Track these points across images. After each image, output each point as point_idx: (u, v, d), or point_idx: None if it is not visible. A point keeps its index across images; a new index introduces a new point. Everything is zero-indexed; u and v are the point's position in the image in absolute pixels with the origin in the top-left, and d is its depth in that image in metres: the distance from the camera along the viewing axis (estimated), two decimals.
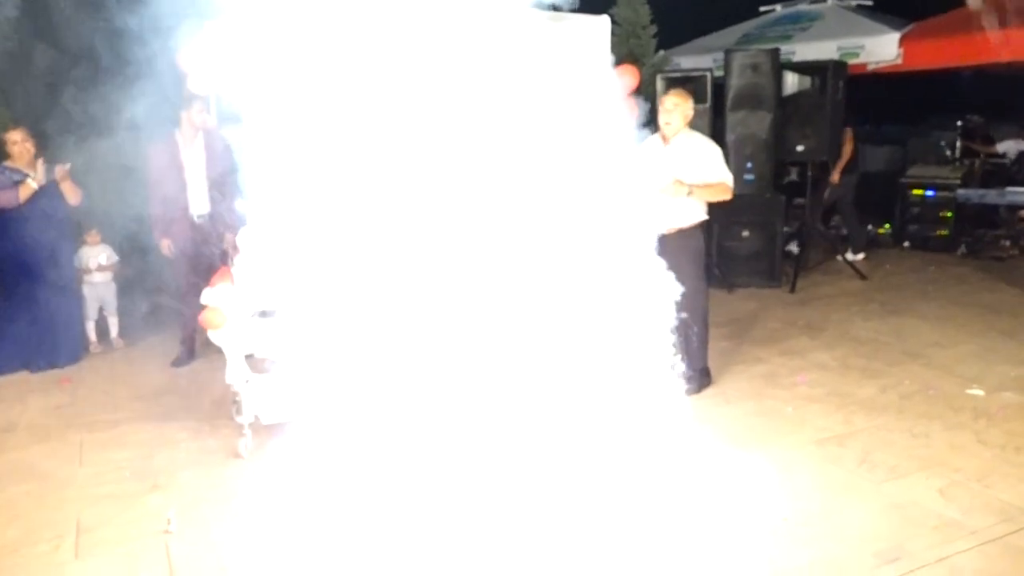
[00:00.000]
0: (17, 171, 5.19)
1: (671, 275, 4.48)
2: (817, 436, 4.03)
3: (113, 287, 5.92)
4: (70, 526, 3.29)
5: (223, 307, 3.81)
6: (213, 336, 3.93)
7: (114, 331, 5.95)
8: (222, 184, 5.28)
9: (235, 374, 3.96)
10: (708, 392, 4.69)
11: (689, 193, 4.45)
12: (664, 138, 4.56)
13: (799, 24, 9.83)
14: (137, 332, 6.25)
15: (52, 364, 5.36)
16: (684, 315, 4.51)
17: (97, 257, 5.83)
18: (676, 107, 4.47)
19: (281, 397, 4.07)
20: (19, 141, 5.20)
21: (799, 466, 3.71)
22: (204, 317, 3.83)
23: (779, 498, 3.39)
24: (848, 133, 7.97)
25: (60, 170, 5.26)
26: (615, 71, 6.15)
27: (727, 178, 4.54)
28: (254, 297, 3.89)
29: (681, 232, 4.51)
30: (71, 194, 5.34)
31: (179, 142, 5.24)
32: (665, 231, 4.47)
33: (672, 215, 4.50)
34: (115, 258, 5.94)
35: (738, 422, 4.26)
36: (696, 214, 4.57)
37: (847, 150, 8.05)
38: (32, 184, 5.15)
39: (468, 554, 3.01)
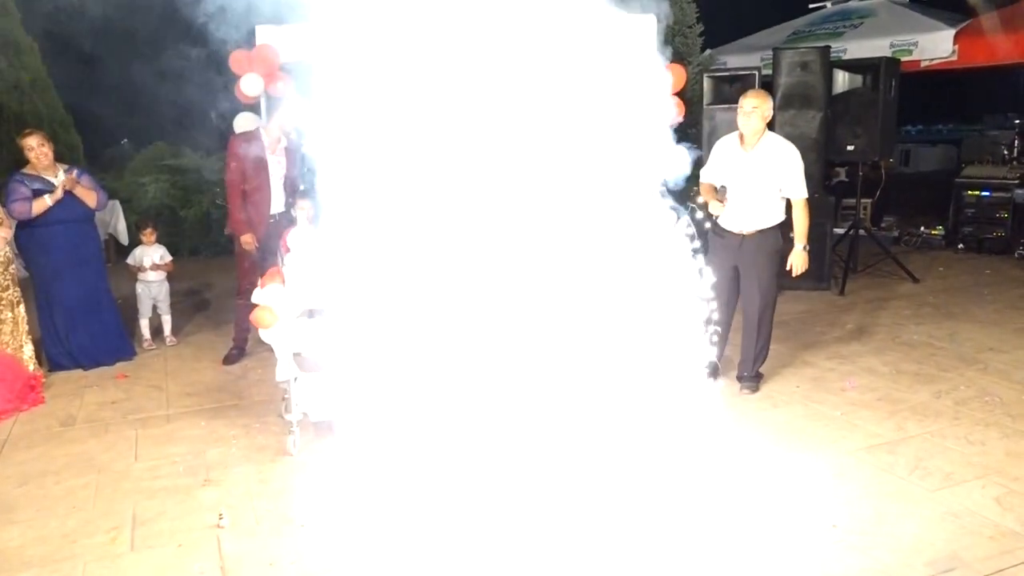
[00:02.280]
0: (36, 178, 5.21)
1: (748, 276, 4.48)
2: (868, 442, 3.96)
3: (166, 286, 6.06)
4: (126, 518, 3.39)
5: (274, 306, 3.88)
6: (263, 335, 4.00)
7: (167, 329, 6.10)
8: (296, 186, 5.39)
9: (284, 372, 4.02)
10: (756, 395, 4.63)
11: (805, 248, 4.50)
12: (742, 139, 4.51)
13: (850, 21, 9.65)
14: (189, 330, 6.41)
15: (103, 362, 5.50)
16: (754, 315, 4.52)
17: (152, 256, 5.97)
18: (755, 109, 4.41)
19: (329, 395, 4.14)
20: (35, 147, 5.18)
21: (849, 472, 3.64)
22: (255, 316, 3.90)
23: (829, 504, 3.34)
24: None
25: (68, 179, 5.22)
26: (662, 70, 6.15)
27: (805, 194, 4.49)
28: (304, 297, 3.96)
29: (761, 233, 4.49)
30: (87, 198, 5.37)
31: (265, 142, 5.32)
32: (746, 232, 4.46)
33: (754, 216, 4.48)
34: (169, 257, 6.08)
35: (787, 426, 4.20)
36: (776, 215, 4.54)
37: None
38: (47, 200, 5.13)
39: (513, 552, 3.02)
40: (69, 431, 4.42)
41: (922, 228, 9.23)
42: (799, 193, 4.48)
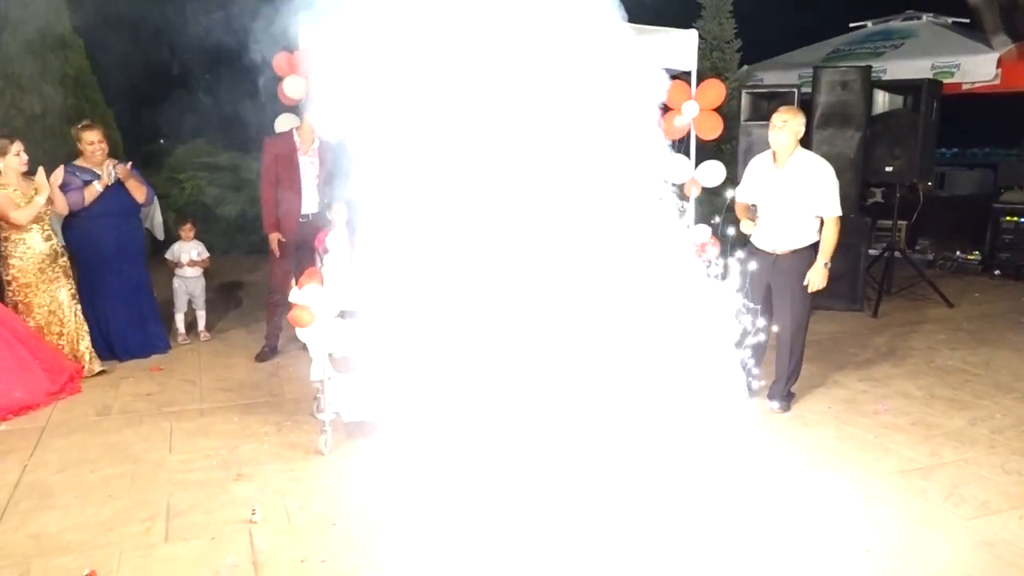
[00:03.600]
0: (87, 171, 5.35)
1: (781, 296, 4.46)
2: (901, 467, 3.91)
3: (202, 282, 6.15)
4: (161, 509, 3.44)
5: (312, 306, 3.92)
6: (300, 334, 4.05)
7: (201, 324, 6.18)
8: (328, 187, 5.45)
9: (319, 372, 4.07)
10: (787, 415, 4.60)
11: (826, 266, 4.44)
12: (775, 156, 4.49)
13: (891, 41, 9.58)
14: (222, 326, 6.49)
15: (138, 354, 5.59)
16: (786, 334, 4.49)
17: (189, 252, 6.07)
18: (786, 124, 4.38)
19: (362, 396, 4.18)
20: (96, 142, 5.33)
21: (882, 496, 3.60)
22: (293, 315, 3.95)
23: (862, 528, 3.30)
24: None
25: (122, 169, 5.38)
26: (701, 85, 6.15)
27: (837, 212, 4.44)
28: (341, 297, 4.00)
29: (795, 253, 4.47)
30: (137, 192, 5.51)
31: (296, 142, 5.39)
32: (779, 252, 4.44)
33: (788, 237, 4.45)
34: (206, 254, 6.17)
35: (818, 446, 4.16)
36: (810, 235, 4.51)
37: None
38: (97, 187, 5.29)
39: (540, 557, 3.03)
40: (105, 420, 4.50)
41: (957, 252, 9.12)
42: (832, 211, 4.44)
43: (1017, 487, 3.69)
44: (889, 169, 7.05)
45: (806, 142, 7.07)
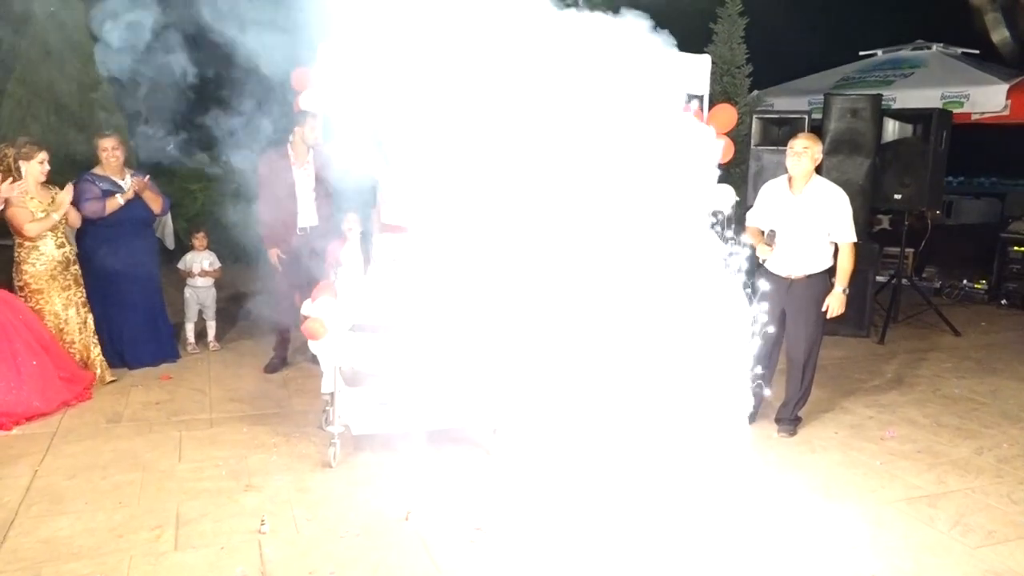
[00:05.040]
0: (105, 179, 5.40)
1: (795, 320, 4.49)
2: (908, 494, 3.92)
3: (213, 292, 6.19)
4: (170, 517, 3.46)
5: (325, 319, 3.96)
6: (313, 346, 4.08)
7: (211, 334, 6.22)
8: (327, 199, 5.50)
9: (329, 384, 4.09)
10: (793, 440, 4.61)
11: (845, 291, 4.49)
12: (791, 182, 4.53)
13: (900, 70, 9.65)
14: (231, 336, 6.52)
15: (148, 362, 5.62)
16: (799, 358, 4.52)
17: (201, 262, 6.12)
18: (806, 150, 4.43)
19: (372, 409, 4.20)
20: (110, 149, 5.39)
21: (888, 523, 3.61)
22: (307, 327, 3.98)
23: (868, 554, 3.31)
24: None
25: (139, 182, 5.43)
26: (713, 110, 6.21)
27: (853, 238, 4.50)
28: (354, 310, 4.03)
29: (810, 278, 4.51)
30: (153, 203, 5.58)
31: (291, 156, 5.45)
32: (794, 276, 4.48)
33: (803, 262, 4.49)
34: (218, 264, 6.22)
35: (824, 472, 4.17)
36: (825, 260, 4.55)
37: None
38: (119, 200, 5.34)
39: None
40: (116, 428, 4.53)
41: (964, 281, 9.13)
42: (847, 237, 4.48)
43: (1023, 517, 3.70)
44: (898, 197, 7.09)
45: (817, 168, 7.16)
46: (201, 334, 6.24)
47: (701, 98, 6.32)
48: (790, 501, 3.79)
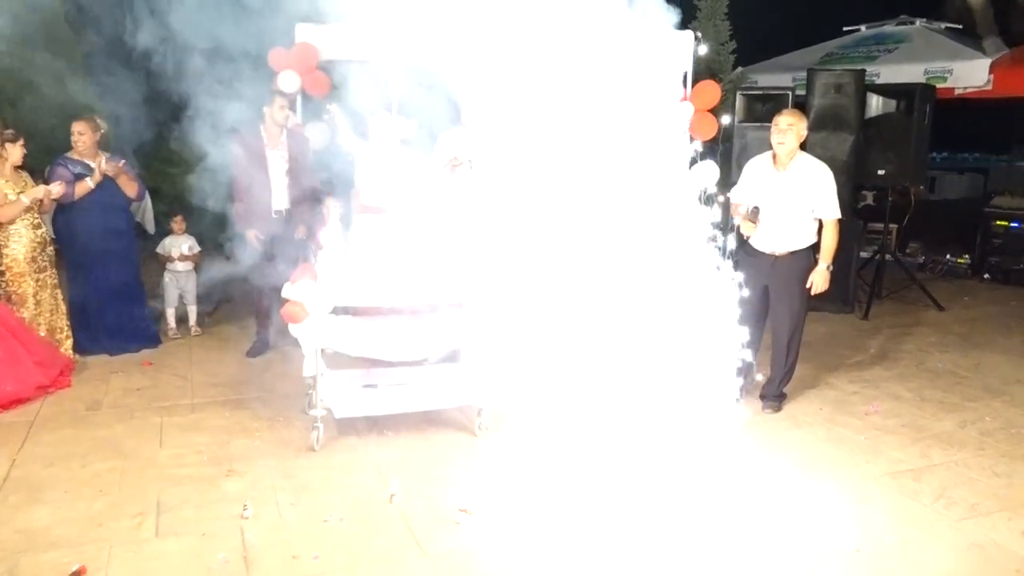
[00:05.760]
0: (78, 163, 5.33)
1: (778, 297, 4.49)
2: (892, 468, 3.93)
3: (194, 276, 6.11)
4: (151, 504, 3.41)
5: (305, 302, 3.91)
6: (293, 330, 4.03)
7: (192, 319, 6.15)
8: (301, 181, 5.43)
9: (311, 368, 4.05)
10: (778, 416, 4.61)
11: (829, 268, 4.48)
12: (775, 159, 4.50)
13: (884, 45, 9.62)
14: (213, 321, 6.45)
15: (128, 348, 5.55)
16: (784, 335, 4.52)
17: (180, 246, 6.03)
18: (791, 127, 4.39)
19: (354, 392, 4.17)
20: (76, 133, 5.32)
21: (873, 498, 3.62)
22: (286, 311, 3.93)
23: (852, 529, 3.32)
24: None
25: (112, 166, 5.35)
26: (697, 87, 6.17)
27: (837, 214, 4.48)
28: (334, 293, 3.98)
29: (793, 255, 4.50)
30: (128, 187, 5.51)
31: (263, 138, 5.37)
32: (778, 253, 4.46)
33: (787, 238, 4.48)
34: (197, 248, 6.13)
35: (809, 448, 4.18)
36: (809, 237, 4.54)
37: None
38: (89, 183, 5.27)
39: (535, 552, 3.03)
40: (95, 415, 4.47)
41: (947, 256, 9.16)
42: (831, 213, 4.47)
43: (1006, 489, 3.72)
44: (882, 172, 7.08)
45: (801, 144, 7.13)
46: (182, 319, 6.17)
47: (684, 75, 6.30)
48: (775, 477, 3.80)
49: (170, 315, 6.06)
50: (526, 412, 4.23)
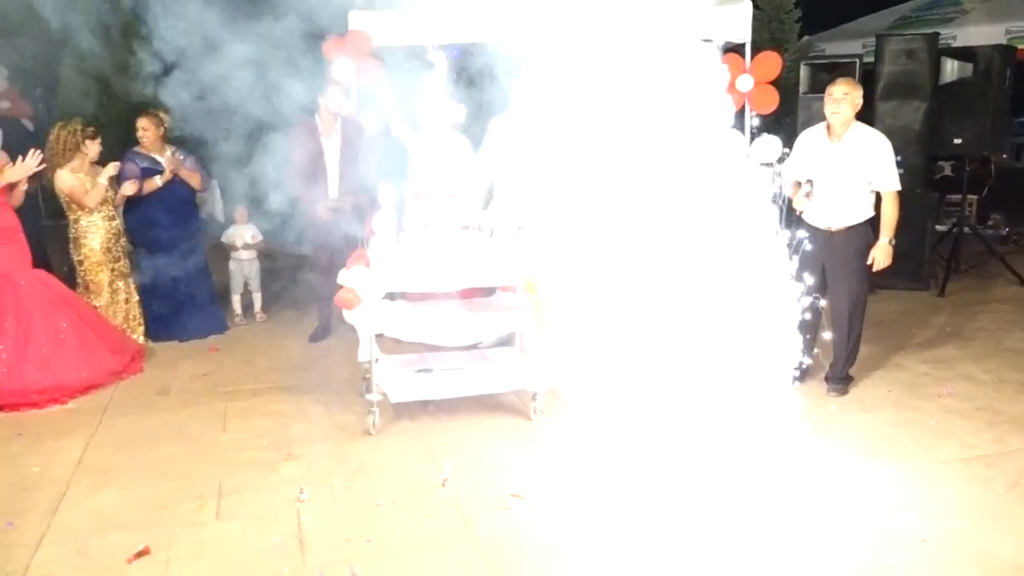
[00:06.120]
0: (146, 157, 5.55)
1: (836, 274, 4.33)
2: (963, 454, 3.76)
3: (257, 264, 6.27)
4: (212, 488, 3.52)
5: (358, 288, 3.95)
6: (347, 316, 4.08)
7: (257, 305, 6.30)
8: (355, 168, 5.49)
9: (366, 353, 4.10)
10: (845, 398, 4.46)
11: (891, 243, 4.32)
12: (830, 129, 4.34)
13: (960, 6, 9.12)
14: (278, 307, 6.59)
15: (197, 334, 5.74)
16: (843, 314, 4.36)
17: (244, 235, 6.18)
18: (846, 96, 4.23)
19: (409, 377, 4.20)
20: (140, 129, 5.53)
21: (942, 484, 3.47)
22: (339, 297, 3.98)
23: (920, 516, 3.18)
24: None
25: (170, 160, 5.56)
26: (757, 58, 5.97)
27: (897, 186, 4.30)
28: (387, 279, 4.02)
29: (850, 230, 4.35)
30: (192, 179, 5.71)
31: (319, 126, 5.45)
32: (834, 228, 4.31)
33: (843, 213, 4.33)
34: (260, 236, 6.28)
35: (876, 431, 4.03)
36: (866, 211, 4.38)
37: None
38: (158, 181, 5.50)
39: (588, 539, 3.01)
40: (164, 400, 4.64)
41: None
42: (890, 185, 4.29)
43: None
44: (958, 141, 6.72)
45: (868, 115, 6.83)
46: (248, 305, 6.33)
47: (743, 47, 6.10)
48: (837, 463, 3.67)
49: (236, 302, 6.23)
50: (582, 397, 4.19)
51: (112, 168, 5.28)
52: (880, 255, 4.30)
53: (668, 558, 2.93)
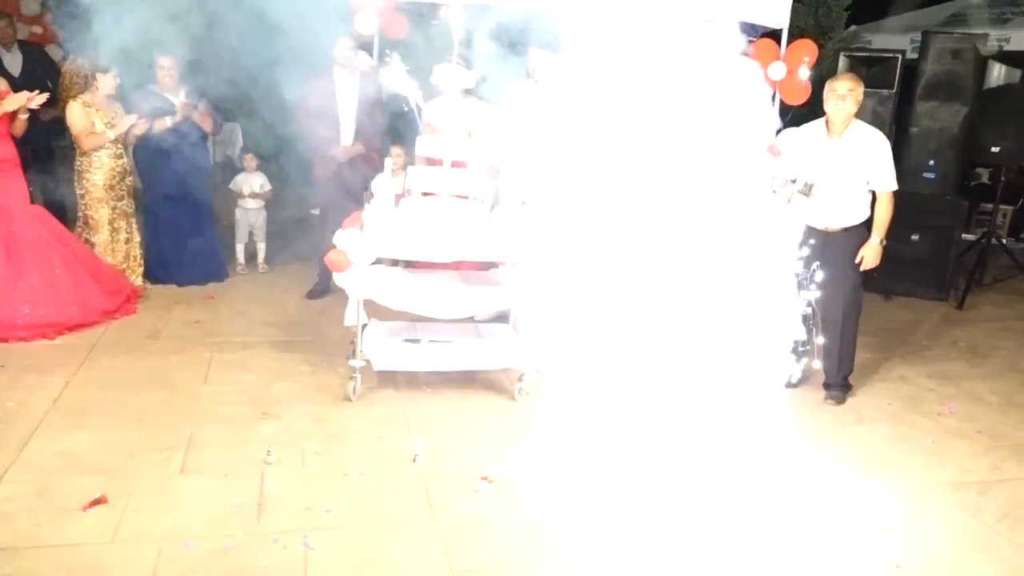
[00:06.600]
0: (159, 96, 5.48)
1: (830, 276, 4.19)
2: (957, 478, 3.62)
3: (264, 214, 6.20)
4: (183, 440, 3.48)
5: (349, 251, 3.86)
6: (337, 278, 4.00)
7: (261, 256, 6.25)
8: (369, 125, 5.40)
9: (353, 317, 4.02)
10: (841, 408, 4.32)
11: (882, 243, 4.18)
12: (829, 125, 4.17)
13: (1020, 7, 8.70)
14: (283, 259, 6.53)
15: (196, 280, 5.70)
16: (837, 317, 4.22)
17: (252, 183, 6.11)
18: (851, 92, 4.09)
19: (396, 345, 4.13)
20: (167, 67, 5.45)
21: (929, 508, 3.34)
22: (329, 258, 3.90)
23: (898, 541, 3.06)
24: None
25: (185, 106, 5.48)
26: (792, 45, 5.73)
27: (893, 186, 4.18)
28: (380, 244, 3.92)
29: (847, 231, 4.22)
30: (204, 122, 5.64)
31: (336, 79, 5.36)
32: (831, 229, 4.17)
33: (840, 213, 4.19)
34: (268, 186, 6.20)
35: (870, 446, 3.89)
36: (863, 212, 4.26)
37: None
38: (167, 121, 5.41)
39: (552, 529, 2.93)
40: (153, 344, 4.61)
41: None
42: (888, 184, 4.17)
43: None
44: (995, 150, 6.44)
45: (906, 114, 6.57)
46: (252, 255, 6.28)
47: (779, 32, 5.84)
48: (824, 474, 3.55)
49: (239, 251, 6.18)
50: (570, 382, 4.09)
51: (128, 122, 5.22)
52: (870, 253, 4.17)
53: (630, 560, 2.84)
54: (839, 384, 4.37)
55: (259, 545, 2.79)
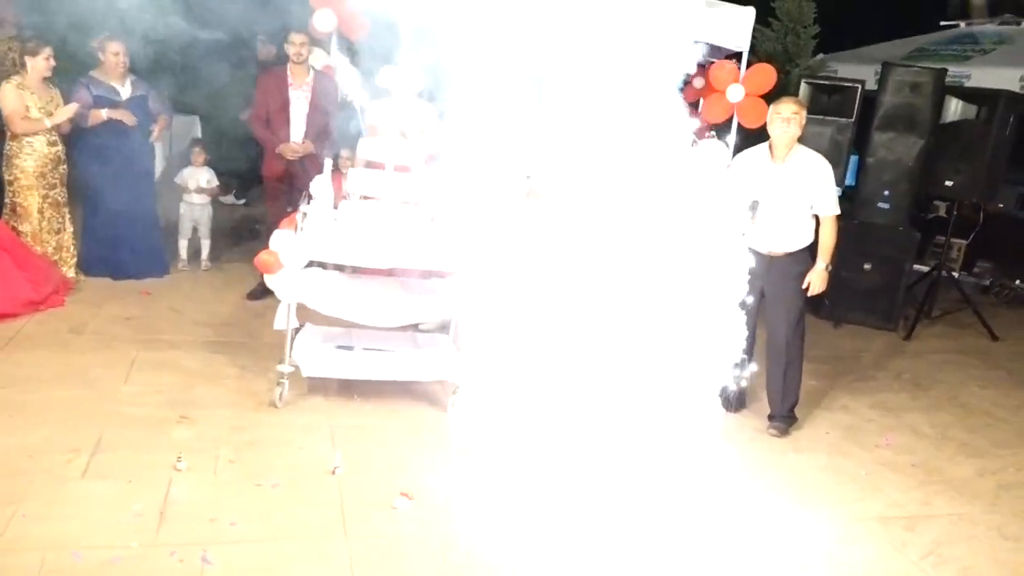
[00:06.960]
0: (102, 84, 5.26)
1: (775, 300, 4.15)
2: (886, 512, 3.57)
3: (209, 210, 6.03)
4: (91, 441, 3.32)
5: (280, 252, 3.73)
6: (268, 280, 3.87)
7: (204, 252, 6.07)
8: (320, 124, 5.28)
9: (282, 321, 3.89)
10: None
11: (827, 268, 4.16)
12: (773, 149, 4.13)
13: (980, 45, 8.85)
14: (228, 257, 6.36)
15: (133, 274, 5.50)
16: (780, 343, 4.18)
17: (198, 178, 5.94)
18: (795, 116, 4.06)
19: (327, 351, 4.00)
20: (120, 54, 5.24)
21: (855, 542, 3.29)
22: (260, 260, 3.77)
23: (822, 573, 3.00)
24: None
25: (124, 114, 5.26)
26: (751, 69, 5.72)
27: (836, 210, 4.16)
28: (314, 246, 3.80)
29: (791, 256, 4.18)
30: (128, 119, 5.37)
31: (289, 77, 5.24)
32: (775, 253, 4.13)
33: (785, 237, 4.15)
34: (215, 182, 6.04)
35: (803, 475, 3.84)
36: (807, 236, 4.23)
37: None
38: (103, 114, 5.19)
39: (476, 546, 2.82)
40: (76, 339, 4.42)
41: (1017, 281, 8.46)
42: (830, 209, 4.15)
43: (1011, 555, 3.33)
44: (949, 184, 6.48)
45: (863, 144, 6.59)
46: (196, 252, 6.10)
47: (739, 55, 5.84)
48: (753, 504, 3.48)
49: (182, 247, 6.00)
50: (505, 397, 3.99)
51: (67, 112, 5.01)
52: (816, 279, 4.15)
53: None
54: (783, 415, 4.29)
55: (154, 558, 2.64)
